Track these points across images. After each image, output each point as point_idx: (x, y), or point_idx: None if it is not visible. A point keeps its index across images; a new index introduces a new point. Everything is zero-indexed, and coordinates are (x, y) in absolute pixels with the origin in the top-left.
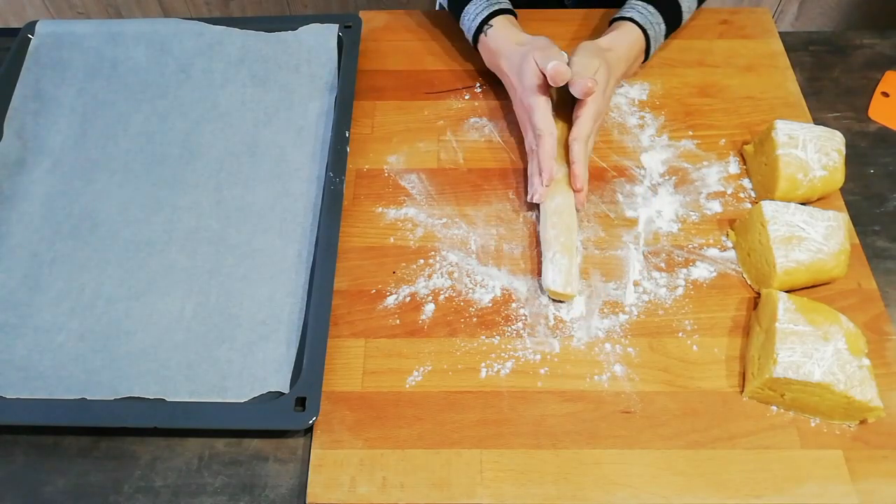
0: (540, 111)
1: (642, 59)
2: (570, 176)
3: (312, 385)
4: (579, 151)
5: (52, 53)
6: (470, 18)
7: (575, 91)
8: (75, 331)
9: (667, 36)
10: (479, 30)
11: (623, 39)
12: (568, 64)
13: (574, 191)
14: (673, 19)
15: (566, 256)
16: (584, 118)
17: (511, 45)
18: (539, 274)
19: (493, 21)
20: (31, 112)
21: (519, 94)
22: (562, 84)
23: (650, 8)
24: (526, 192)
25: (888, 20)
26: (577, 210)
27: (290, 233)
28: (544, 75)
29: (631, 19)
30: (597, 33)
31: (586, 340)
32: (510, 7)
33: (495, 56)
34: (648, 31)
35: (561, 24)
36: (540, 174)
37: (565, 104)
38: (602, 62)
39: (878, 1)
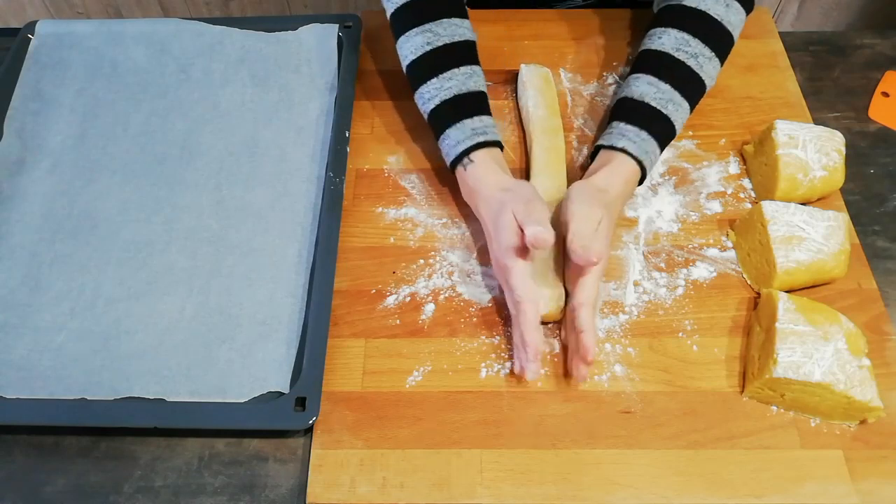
0: (518, 276)
1: (637, 187)
2: (577, 344)
3: (312, 385)
4: (587, 318)
5: (52, 53)
6: (450, 145)
7: (577, 261)
8: (75, 331)
9: (660, 153)
10: (458, 160)
11: (618, 176)
12: (565, 205)
13: (582, 363)
14: (666, 138)
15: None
16: (590, 280)
17: (491, 190)
18: None
19: (474, 155)
20: (31, 112)
21: (495, 252)
22: (540, 250)
23: (642, 134)
24: None
25: (888, 20)
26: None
27: (290, 233)
28: (523, 232)
29: (624, 150)
30: (595, 33)
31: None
32: (497, 138)
33: (473, 195)
34: (644, 162)
35: (560, 24)
36: (524, 348)
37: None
38: (604, 211)
39: (878, 1)
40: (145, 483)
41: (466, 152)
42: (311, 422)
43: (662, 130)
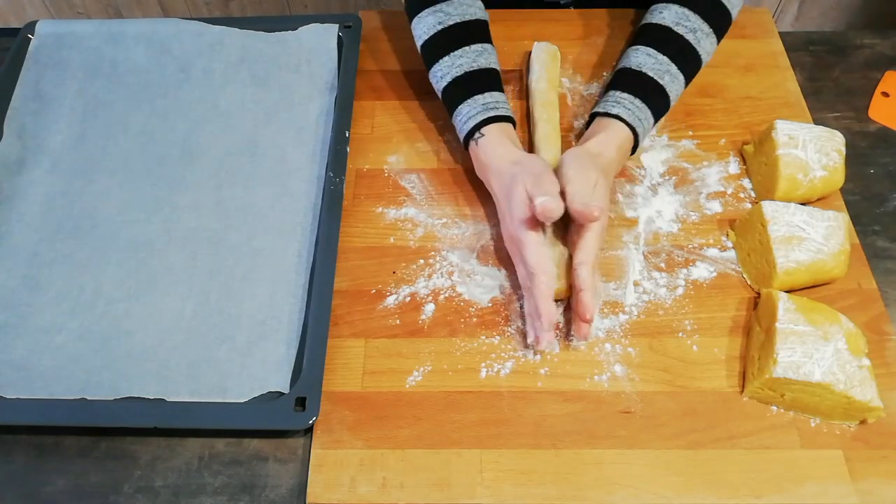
0: (531, 247)
1: (629, 156)
2: (575, 303)
3: (312, 385)
4: (587, 278)
5: (52, 53)
6: (462, 120)
7: (578, 219)
8: (75, 331)
9: (654, 124)
10: (471, 135)
11: (612, 142)
12: (560, 172)
13: (582, 321)
14: (661, 109)
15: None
16: (590, 240)
17: (502, 163)
18: None
19: (485, 129)
20: (31, 112)
21: (507, 224)
22: (550, 222)
23: (637, 102)
24: None
25: (888, 20)
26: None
27: (290, 233)
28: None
29: (618, 117)
30: (595, 33)
31: (586, 340)
32: (508, 114)
33: (485, 169)
34: (637, 130)
35: (560, 24)
36: (539, 319)
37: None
38: (598, 173)
39: (878, 1)
40: (145, 483)
41: (478, 127)
42: (311, 422)
43: (657, 100)
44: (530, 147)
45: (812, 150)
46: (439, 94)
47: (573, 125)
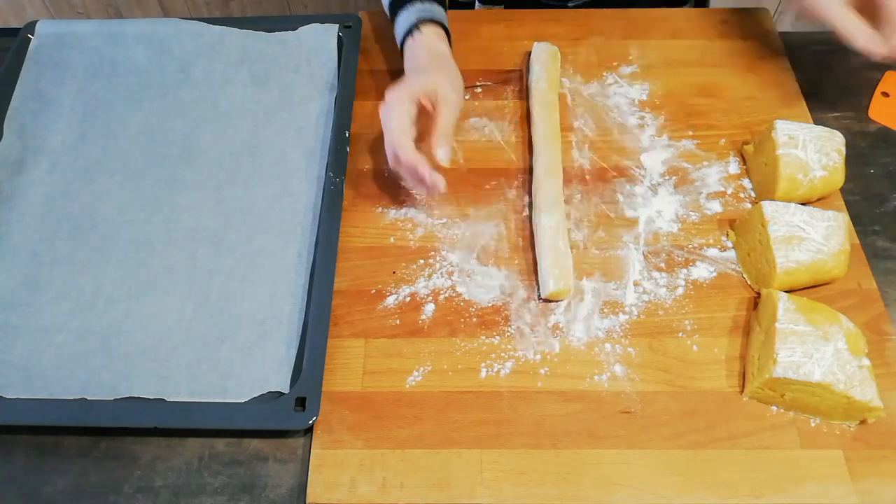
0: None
1: None
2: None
3: (312, 385)
4: None
5: (52, 53)
6: (400, 24)
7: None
8: (75, 331)
9: None
10: (409, 33)
11: None
12: None
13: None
14: None
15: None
16: None
17: (431, 54)
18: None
19: (423, 28)
20: (31, 112)
21: (398, 89)
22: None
23: None
24: (528, 191)
25: None
26: None
27: (290, 233)
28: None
29: None
30: (595, 33)
31: (586, 340)
32: (444, 22)
33: (414, 60)
34: None
35: (560, 24)
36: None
37: None
38: None
39: None
40: (145, 483)
41: (416, 25)
42: (311, 422)
43: None
44: (530, 147)
45: (812, 150)
46: (388, 17)
47: (573, 125)
